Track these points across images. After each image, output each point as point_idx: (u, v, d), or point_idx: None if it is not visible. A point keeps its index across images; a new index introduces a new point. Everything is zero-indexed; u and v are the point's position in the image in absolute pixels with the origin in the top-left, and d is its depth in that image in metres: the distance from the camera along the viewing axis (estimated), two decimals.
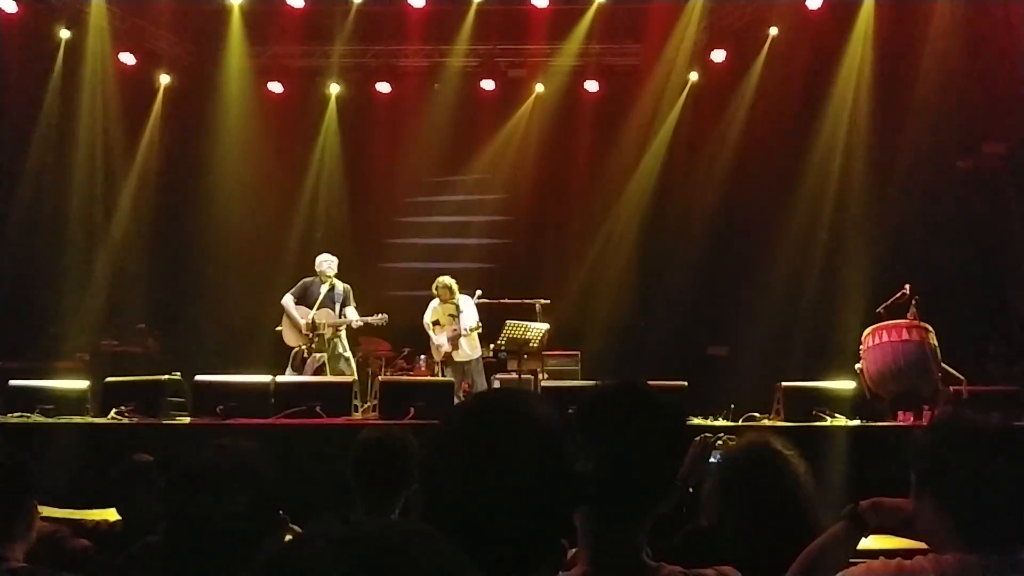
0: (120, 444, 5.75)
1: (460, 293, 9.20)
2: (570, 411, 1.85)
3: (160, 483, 3.90)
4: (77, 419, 6.65)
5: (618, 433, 1.67)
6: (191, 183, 11.10)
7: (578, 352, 9.99)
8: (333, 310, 8.76)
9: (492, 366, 9.82)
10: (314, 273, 8.87)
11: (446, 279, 9.21)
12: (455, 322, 9.11)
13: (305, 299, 8.76)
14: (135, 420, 6.55)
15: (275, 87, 11.63)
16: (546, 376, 9.27)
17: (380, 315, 8.78)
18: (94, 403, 6.95)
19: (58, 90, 10.33)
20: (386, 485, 3.21)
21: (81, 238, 10.43)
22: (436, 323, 9.23)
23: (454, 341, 9.10)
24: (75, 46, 10.36)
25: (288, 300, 8.79)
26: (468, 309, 9.15)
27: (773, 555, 2.28)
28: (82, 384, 7.16)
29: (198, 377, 7.02)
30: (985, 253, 9.37)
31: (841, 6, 9.86)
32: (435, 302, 9.27)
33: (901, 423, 6.67)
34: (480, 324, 9.11)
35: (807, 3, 9.92)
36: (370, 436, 3.38)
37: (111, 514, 3.75)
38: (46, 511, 3.27)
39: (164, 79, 11.27)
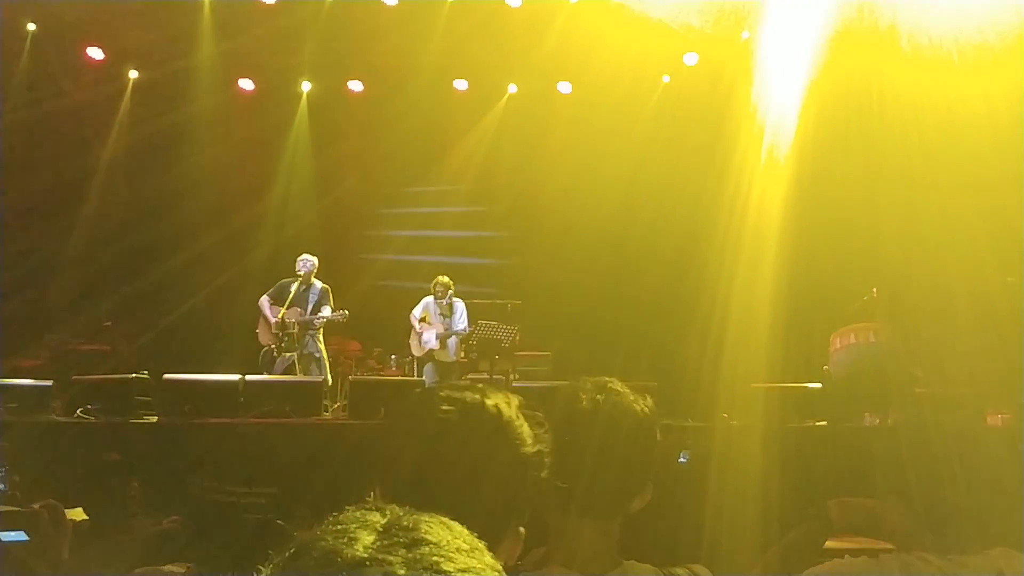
0: (87, 443, 5.69)
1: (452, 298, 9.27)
2: (538, 413, 1.85)
3: (128, 481, 3.88)
4: (42, 418, 6.56)
5: (590, 432, 1.68)
6: (160, 179, 10.98)
7: (549, 352, 10.02)
8: (304, 309, 8.73)
9: (464, 366, 9.84)
10: (288, 272, 8.86)
11: (445, 278, 9.26)
12: (446, 321, 9.15)
13: (280, 299, 8.75)
14: (102, 419, 6.48)
15: (246, 84, 11.55)
16: (517, 376, 9.30)
17: (341, 311, 8.75)
18: (60, 402, 6.86)
19: (24, 84, 10.18)
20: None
21: (47, 234, 10.29)
22: (423, 320, 9.25)
23: (443, 339, 9.12)
24: (42, 39, 10.22)
25: (263, 300, 8.78)
26: (461, 312, 9.20)
27: (735, 552, 2.31)
28: (47, 382, 7.06)
29: (166, 376, 6.95)
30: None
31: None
32: (428, 299, 9.28)
33: (868, 424, 6.75)
34: (469, 330, 9.16)
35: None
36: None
37: (78, 513, 3.71)
38: (11, 511, 3.23)
39: (133, 74, 11.17)
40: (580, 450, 1.67)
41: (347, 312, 8.76)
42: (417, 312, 9.31)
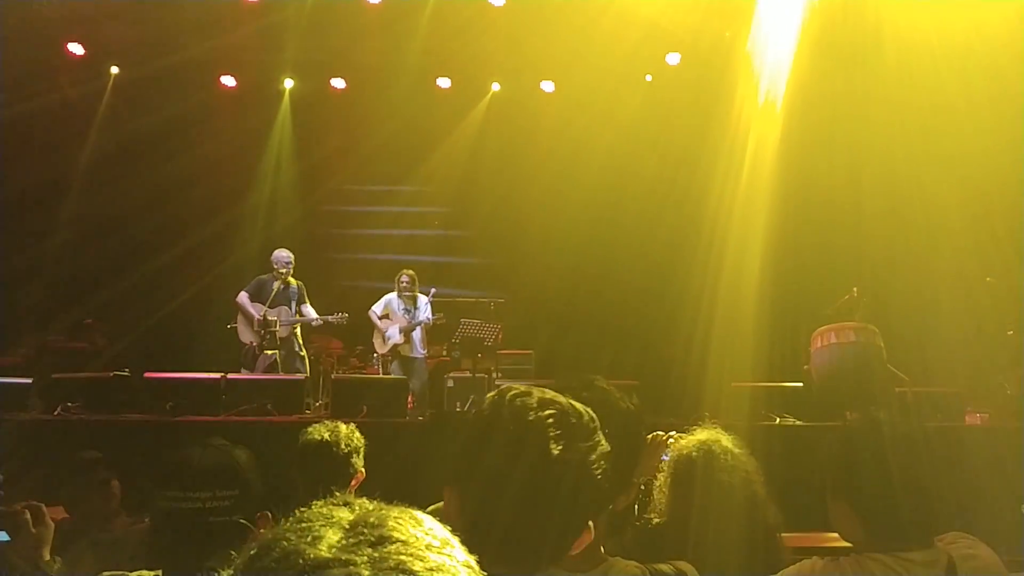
0: (67, 441, 5.65)
1: (417, 292, 9.26)
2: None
3: (110, 479, 3.86)
4: (23, 416, 6.51)
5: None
6: (141, 177, 10.90)
7: (531, 351, 10.02)
8: (289, 308, 8.70)
9: (447, 364, 9.84)
10: (268, 270, 8.81)
11: (411, 271, 9.25)
12: (410, 316, 9.13)
13: (259, 296, 8.70)
14: (82, 417, 6.44)
15: (228, 81, 11.50)
16: (500, 375, 9.29)
17: (340, 314, 8.74)
18: (40, 400, 6.81)
19: (2, 81, 10.07)
20: (331, 482, 3.25)
21: (28, 231, 10.21)
22: (385, 316, 9.22)
23: (407, 332, 9.10)
24: (20, 34, 10.11)
25: (243, 297, 8.73)
26: (425, 305, 9.20)
27: (721, 551, 2.32)
28: (26, 380, 7.00)
29: (147, 374, 6.91)
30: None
31: None
32: (390, 295, 9.26)
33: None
34: (442, 316, 9.17)
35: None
36: (316, 434, 3.39)
37: (57, 512, 3.69)
38: None
39: (114, 70, 11.09)
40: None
41: (347, 315, 8.75)
42: (378, 309, 9.26)
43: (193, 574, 1.87)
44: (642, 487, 2.99)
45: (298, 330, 8.84)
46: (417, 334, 9.22)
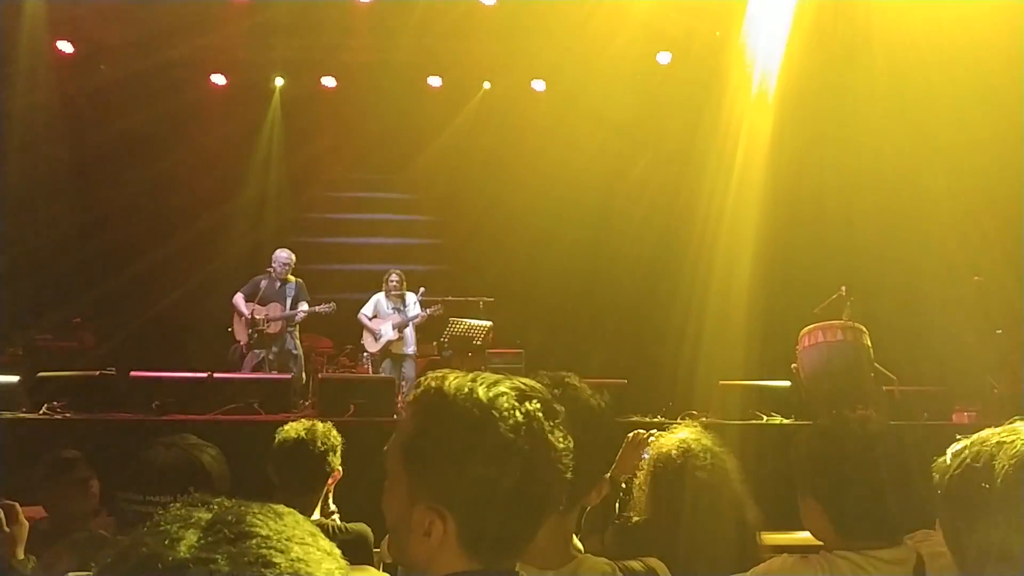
0: (52, 440, 5.61)
1: (405, 291, 9.28)
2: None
3: (89, 479, 3.84)
4: (7, 414, 6.47)
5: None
6: (131, 176, 10.87)
7: (522, 350, 10.00)
8: (283, 304, 8.70)
9: (436, 363, 9.80)
10: (259, 269, 8.83)
11: (398, 271, 9.28)
12: (400, 314, 9.15)
13: (253, 295, 8.71)
14: (67, 416, 6.40)
15: (218, 79, 11.46)
16: None
17: (328, 303, 8.76)
18: (26, 398, 6.77)
19: None
20: (307, 479, 3.27)
21: (15, 229, 10.16)
22: (375, 318, 9.23)
23: (401, 327, 9.11)
24: (9, 32, 10.07)
25: (237, 297, 8.76)
26: (414, 302, 9.23)
27: (700, 549, 2.31)
28: (13, 378, 6.96)
29: (133, 373, 6.89)
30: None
31: None
32: (378, 296, 9.28)
33: None
34: (440, 306, 9.19)
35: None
36: (292, 432, 3.35)
37: (36, 511, 3.66)
38: None
39: (103, 68, 11.05)
40: None
41: (334, 304, 8.77)
42: (368, 311, 9.31)
43: None
44: (623, 485, 2.99)
45: (295, 329, 8.84)
46: (409, 331, 9.25)
